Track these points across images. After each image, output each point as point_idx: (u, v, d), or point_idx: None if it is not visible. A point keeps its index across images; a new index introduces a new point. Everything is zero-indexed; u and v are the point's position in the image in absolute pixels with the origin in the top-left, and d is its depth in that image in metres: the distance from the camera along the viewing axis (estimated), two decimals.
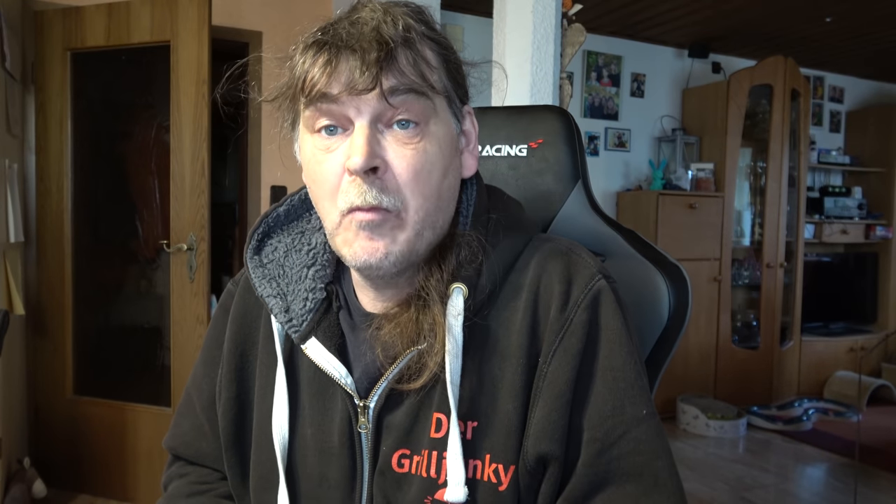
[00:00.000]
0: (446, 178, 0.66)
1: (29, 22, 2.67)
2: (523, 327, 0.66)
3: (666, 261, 0.85)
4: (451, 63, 0.67)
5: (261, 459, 0.74)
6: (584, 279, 0.66)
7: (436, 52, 0.66)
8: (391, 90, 0.61)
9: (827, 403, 4.14)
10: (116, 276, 2.91)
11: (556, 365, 0.64)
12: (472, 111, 0.72)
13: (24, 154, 2.70)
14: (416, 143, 0.63)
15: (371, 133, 0.62)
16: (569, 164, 0.93)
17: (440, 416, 0.66)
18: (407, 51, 0.62)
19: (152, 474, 2.60)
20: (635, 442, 0.63)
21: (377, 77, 0.60)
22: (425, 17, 0.67)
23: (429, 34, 0.65)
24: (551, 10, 2.09)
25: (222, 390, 0.78)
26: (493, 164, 0.95)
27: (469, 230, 0.68)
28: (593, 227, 0.91)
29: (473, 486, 0.64)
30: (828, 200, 4.73)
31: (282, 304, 0.72)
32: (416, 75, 0.62)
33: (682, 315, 0.83)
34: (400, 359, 0.66)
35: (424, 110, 0.63)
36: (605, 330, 0.65)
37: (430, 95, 0.64)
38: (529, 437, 0.63)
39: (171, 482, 0.83)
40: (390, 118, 0.63)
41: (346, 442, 0.69)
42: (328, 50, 0.62)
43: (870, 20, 3.81)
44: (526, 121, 0.96)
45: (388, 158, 0.62)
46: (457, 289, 0.65)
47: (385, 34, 0.61)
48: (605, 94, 4.25)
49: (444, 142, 0.65)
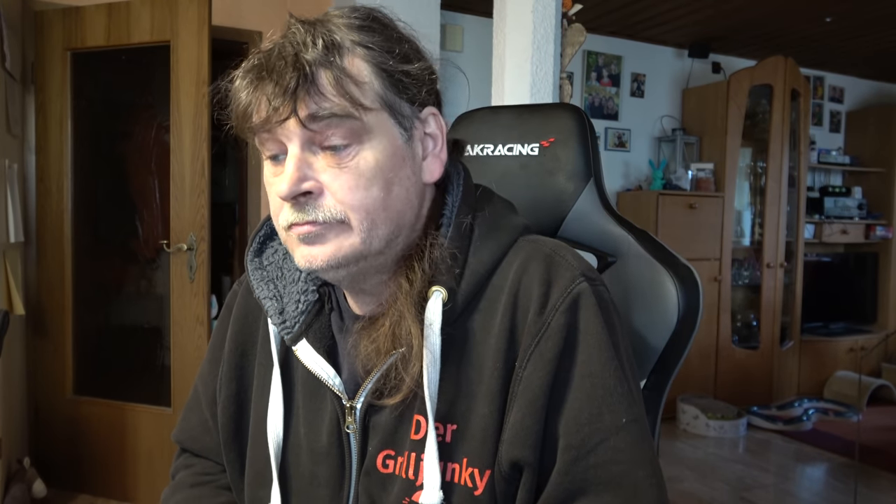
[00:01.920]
0: (392, 189, 0.64)
1: (29, 22, 2.67)
2: (502, 331, 0.65)
3: (677, 262, 0.84)
4: (390, 72, 0.64)
5: (256, 456, 0.76)
6: (565, 282, 0.65)
7: (371, 62, 0.63)
8: (310, 118, 0.60)
9: (827, 403, 4.14)
10: (116, 276, 2.91)
11: (531, 369, 0.63)
12: (436, 113, 0.69)
13: (24, 154, 2.70)
14: (349, 163, 0.62)
15: (301, 159, 0.62)
16: (581, 163, 0.91)
17: (420, 418, 0.66)
18: (328, 71, 0.60)
19: (152, 474, 2.60)
20: (613, 451, 0.61)
21: (294, 103, 0.60)
22: (368, 24, 0.64)
23: (364, 43, 0.63)
24: (551, 10, 2.09)
25: (222, 388, 0.80)
26: (505, 163, 0.95)
27: (451, 232, 0.67)
28: (604, 226, 0.90)
29: (450, 489, 0.64)
30: (828, 200, 4.73)
31: (277, 306, 0.73)
32: (339, 96, 0.61)
33: (692, 317, 0.81)
34: (376, 370, 0.66)
35: (353, 130, 0.62)
36: (584, 334, 0.63)
37: (359, 114, 0.62)
38: (504, 443, 0.63)
39: (178, 472, 0.86)
40: (321, 141, 0.62)
41: (334, 442, 0.70)
42: (253, 79, 0.62)
43: (870, 20, 3.81)
44: (538, 119, 0.95)
45: (322, 180, 0.63)
46: (435, 292, 0.65)
47: (302, 57, 0.60)
48: (605, 94, 4.25)
49: (384, 155, 0.63)
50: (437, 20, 2.94)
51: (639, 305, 0.85)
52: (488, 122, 0.98)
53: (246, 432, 0.78)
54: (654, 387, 0.84)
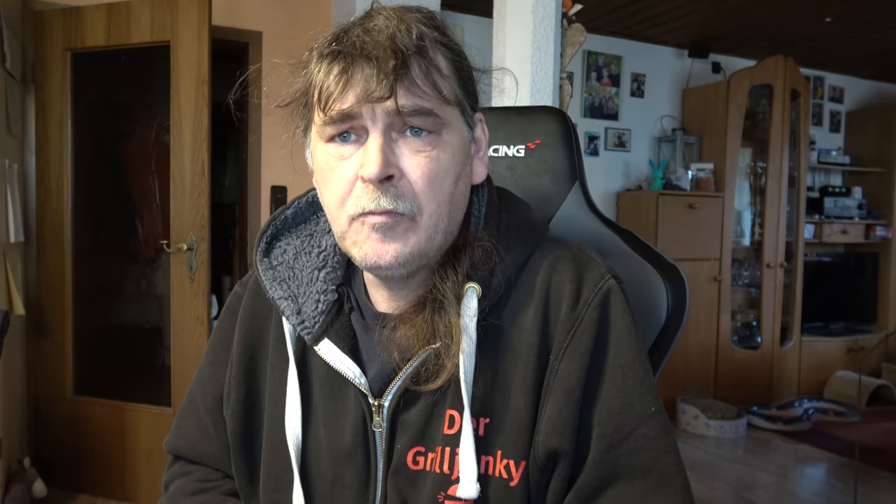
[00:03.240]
0: (458, 184, 0.67)
1: (29, 22, 2.67)
2: (535, 326, 0.67)
3: (664, 261, 0.86)
4: (463, 71, 0.67)
5: (273, 460, 0.74)
6: (595, 279, 0.68)
7: (448, 59, 0.66)
8: (406, 105, 0.61)
9: (827, 403, 4.14)
10: (116, 276, 2.91)
11: (566, 362, 0.65)
12: (482, 118, 0.72)
13: (24, 154, 2.70)
14: (430, 152, 0.64)
15: (385, 142, 0.62)
16: (566, 165, 0.93)
17: (453, 412, 0.67)
18: (421, 60, 0.62)
19: (152, 474, 2.60)
20: (644, 439, 0.64)
21: (393, 86, 0.60)
22: (438, 24, 0.67)
23: (442, 41, 0.66)
24: (551, 10, 2.09)
25: (231, 392, 0.78)
26: (492, 164, 0.95)
27: (481, 232, 0.69)
28: (591, 227, 0.92)
29: (485, 481, 0.65)
30: (828, 200, 4.73)
31: (293, 307, 0.72)
32: (428, 85, 0.63)
33: (679, 315, 0.83)
34: (415, 358, 0.67)
35: (437, 120, 0.64)
36: (614, 328, 0.66)
37: (443, 107, 0.64)
38: (540, 433, 0.65)
39: (172, 481, 0.82)
40: (403, 126, 0.63)
41: (359, 441, 0.70)
42: (343, 59, 0.62)
43: (870, 20, 3.81)
44: (524, 121, 0.96)
45: (402, 166, 0.63)
46: (471, 289, 0.66)
47: (400, 43, 0.61)
48: (605, 94, 4.25)
49: (456, 149, 0.66)
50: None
51: None
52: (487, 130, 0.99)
53: (258, 437, 0.77)
54: None
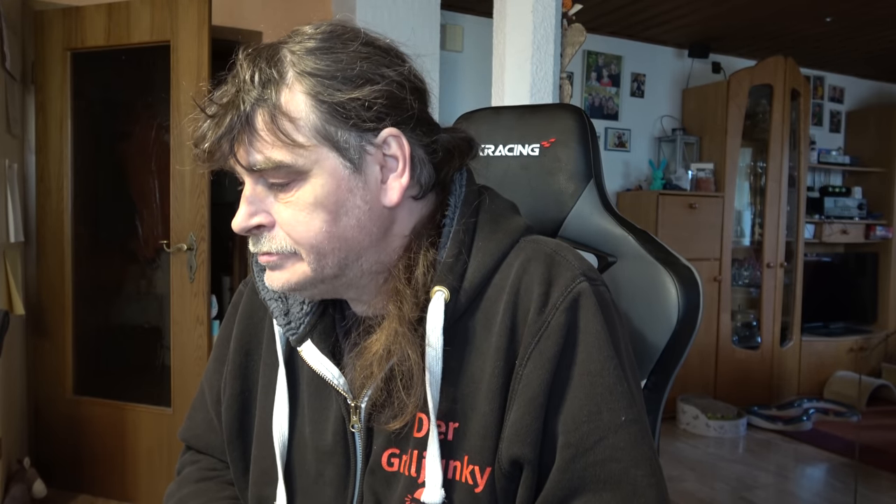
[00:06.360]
0: (338, 222, 0.64)
1: (29, 22, 2.67)
2: (502, 329, 0.65)
3: (678, 262, 0.84)
4: (331, 103, 0.61)
5: (261, 455, 0.77)
6: (565, 281, 0.65)
7: (310, 94, 0.61)
8: (249, 162, 0.62)
9: (827, 403, 4.14)
10: (116, 276, 2.91)
11: (531, 368, 0.63)
12: (397, 134, 0.65)
13: (24, 154, 2.70)
14: (291, 199, 0.64)
15: (254, 193, 0.65)
16: (581, 163, 0.91)
17: (422, 416, 0.67)
18: (263, 110, 0.61)
19: (152, 474, 2.60)
20: (612, 449, 0.61)
21: (232, 146, 0.62)
22: (325, 44, 0.63)
23: (309, 71, 0.61)
24: (551, 10, 2.09)
25: (227, 387, 0.81)
26: (506, 163, 0.95)
27: (453, 233, 0.68)
28: (604, 227, 0.90)
29: (451, 486, 0.65)
30: (828, 200, 4.73)
31: (282, 307, 0.74)
32: (272, 134, 0.61)
33: (692, 318, 0.81)
34: (373, 378, 0.67)
35: (291, 169, 0.62)
36: (583, 333, 0.64)
37: (293, 154, 0.62)
38: (504, 440, 0.63)
39: (183, 468, 0.87)
40: (267, 177, 0.64)
41: (339, 441, 0.71)
42: (202, 116, 0.64)
43: (870, 20, 3.81)
44: (539, 120, 0.95)
45: (273, 212, 0.65)
46: (438, 292, 0.65)
47: (240, 98, 0.61)
48: (605, 94, 4.25)
49: (324, 190, 0.63)
50: (437, 20, 2.94)
51: (639, 305, 0.85)
52: (489, 123, 0.98)
53: (250, 431, 0.79)
54: (655, 387, 0.84)
